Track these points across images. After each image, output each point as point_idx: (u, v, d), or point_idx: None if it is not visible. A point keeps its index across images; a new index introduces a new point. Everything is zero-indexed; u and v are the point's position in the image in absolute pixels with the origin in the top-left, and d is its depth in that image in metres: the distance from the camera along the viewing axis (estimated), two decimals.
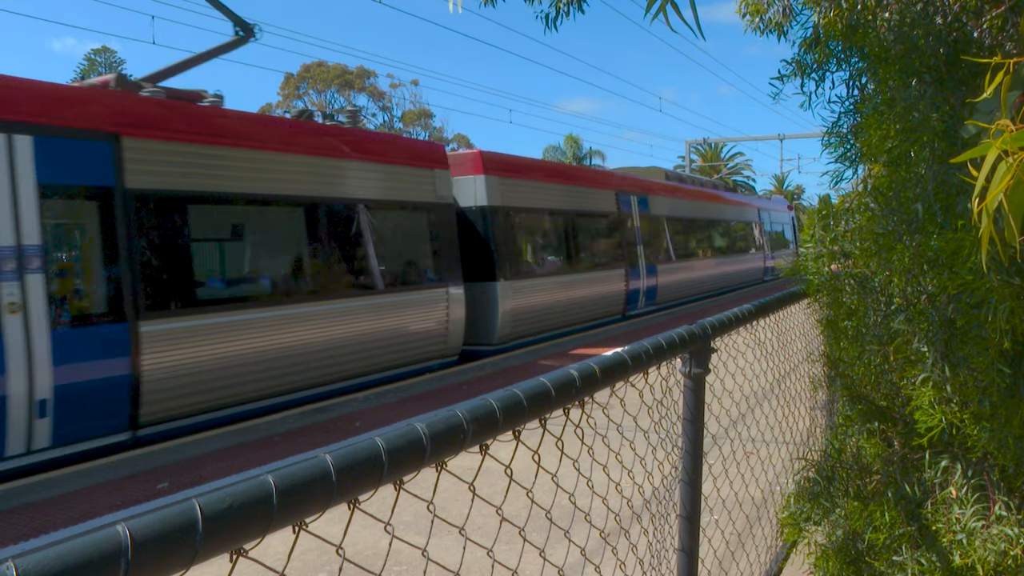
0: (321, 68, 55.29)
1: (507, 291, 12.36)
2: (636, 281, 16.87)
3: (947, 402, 1.77)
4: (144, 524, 0.67)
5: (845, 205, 2.40)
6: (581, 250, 15.09)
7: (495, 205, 12.52)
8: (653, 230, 18.27)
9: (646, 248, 17.61)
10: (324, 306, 9.08)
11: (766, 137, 46.24)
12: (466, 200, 12.48)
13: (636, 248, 17.10)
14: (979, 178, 1.05)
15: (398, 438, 0.96)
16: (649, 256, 17.74)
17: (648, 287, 17.47)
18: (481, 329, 12.31)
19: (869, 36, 2.11)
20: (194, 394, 7.39)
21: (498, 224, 12.48)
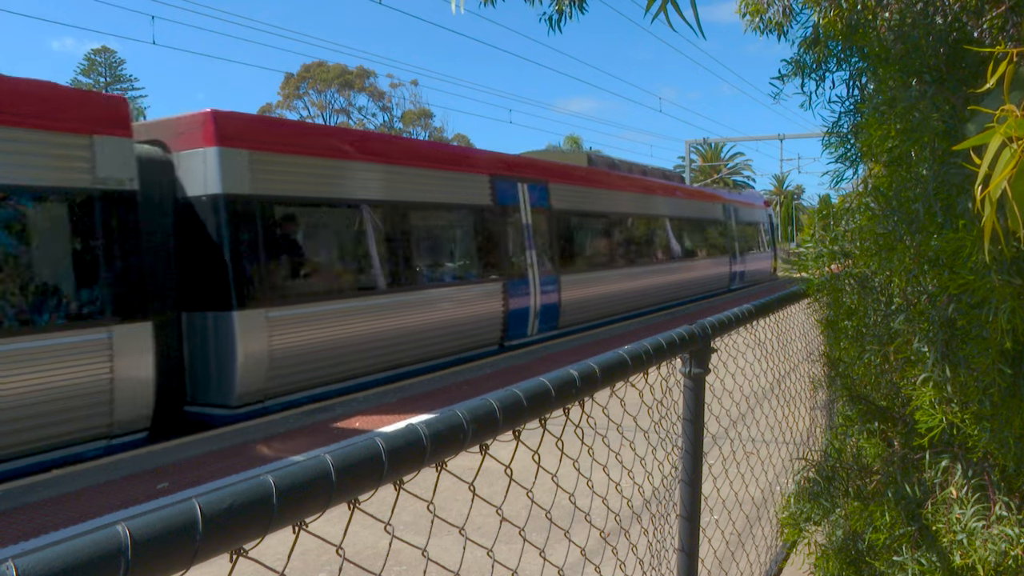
0: (321, 68, 55.31)
1: (254, 325, 7.99)
2: (523, 298, 12.51)
3: (947, 402, 1.77)
4: (144, 524, 0.67)
5: (845, 205, 2.40)
6: (417, 258, 10.67)
7: (236, 194, 8.07)
8: (557, 229, 13.91)
9: (543, 253, 13.39)
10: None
11: (766, 137, 46.24)
12: (194, 186, 8.12)
13: (525, 253, 12.81)
14: (982, 166, 1.04)
15: (398, 438, 0.96)
16: (548, 264, 13.50)
17: (544, 306, 13.14)
18: (211, 384, 8.03)
19: (869, 36, 2.11)
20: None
21: (241, 223, 8.10)
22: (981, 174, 1.04)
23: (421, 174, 10.80)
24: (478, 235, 11.90)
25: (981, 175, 1.04)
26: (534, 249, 13.11)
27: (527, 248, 12.95)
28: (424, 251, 11.04)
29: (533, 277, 12.98)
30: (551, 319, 13.52)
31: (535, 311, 12.98)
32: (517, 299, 12.43)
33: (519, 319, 12.50)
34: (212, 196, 8.01)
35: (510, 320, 12.22)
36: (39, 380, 6.32)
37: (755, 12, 3.13)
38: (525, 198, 13.09)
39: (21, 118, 6.43)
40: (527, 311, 12.75)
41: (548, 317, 13.40)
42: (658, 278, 18.17)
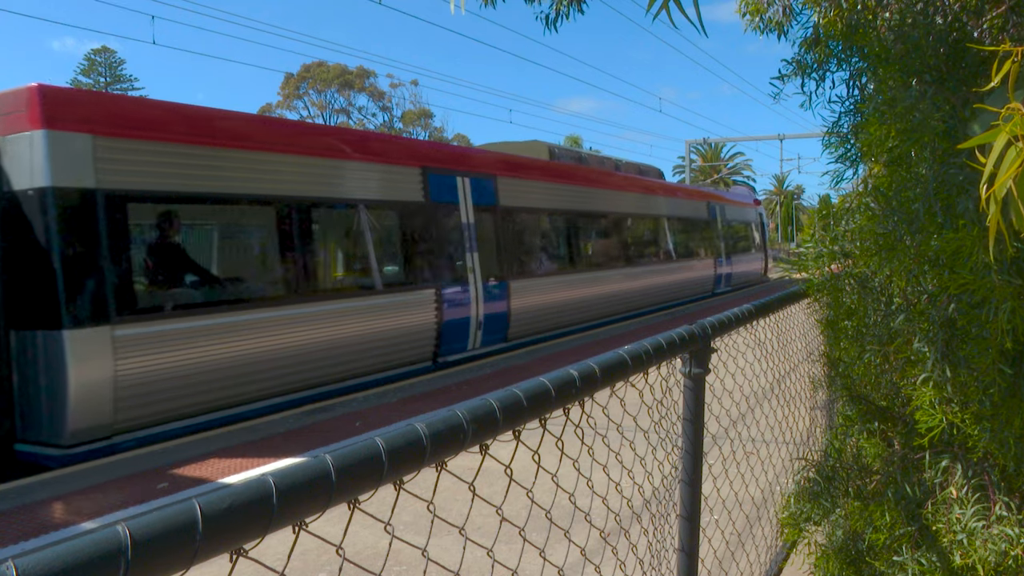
0: (321, 68, 55.33)
1: (93, 346, 6.48)
2: (461, 307, 10.94)
3: (948, 402, 1.77)
4: (144, 524, 0.67)
5: (845, 205, 2.40)
6: (321, 264, 9.22)
7: (70, 187, 6.51)
8: (506, 229, 12.25)
9: (489, 256, 11.73)
10: None
11: (766, 137, 46.27)
12: (20, 177, 6.56)
13: (466, 256, 11.20)
14: (987, 164, 1.04)
15: (398, 438, 0.96)
16: (495, 268, 11.84)
17: (490, 315, 11.51)
18: (41, 419, 6.52)
19: (869, 36, 2.11)
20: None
21: (76, 223, 6.55)
22: (986, 173, 1.04)
23: (329, 165, 9.11)
24: (403, 236, 10.22)
25: (986, 174, 1.04)
26: (477, 252, 11.34)
27: (468, 250, 11.20)
28: (331, 255, 9.50)
29: (475, 283, 11.21)
30: (498, 330, 11.78)
31: (477, 321, 11.22)
32: (454, 308, 10.75)
33: (456, 331, 10.81)
34: (39, 190, 6.43)
35: (445, 332, 10.54)
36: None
37: (755, 12, 3.13)
38: (466, 194, 11.34)
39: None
40: (466, 322, 11.02)
41: (494, 328, 11.67)
42: (630, 282, 16.38)
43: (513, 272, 12.29)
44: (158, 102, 8.13)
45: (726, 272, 22.46)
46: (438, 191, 10.83)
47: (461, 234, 11.18)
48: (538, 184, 13.52)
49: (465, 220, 11.28)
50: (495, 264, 11.89)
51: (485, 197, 11.85)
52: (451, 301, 10.74)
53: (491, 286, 11.66)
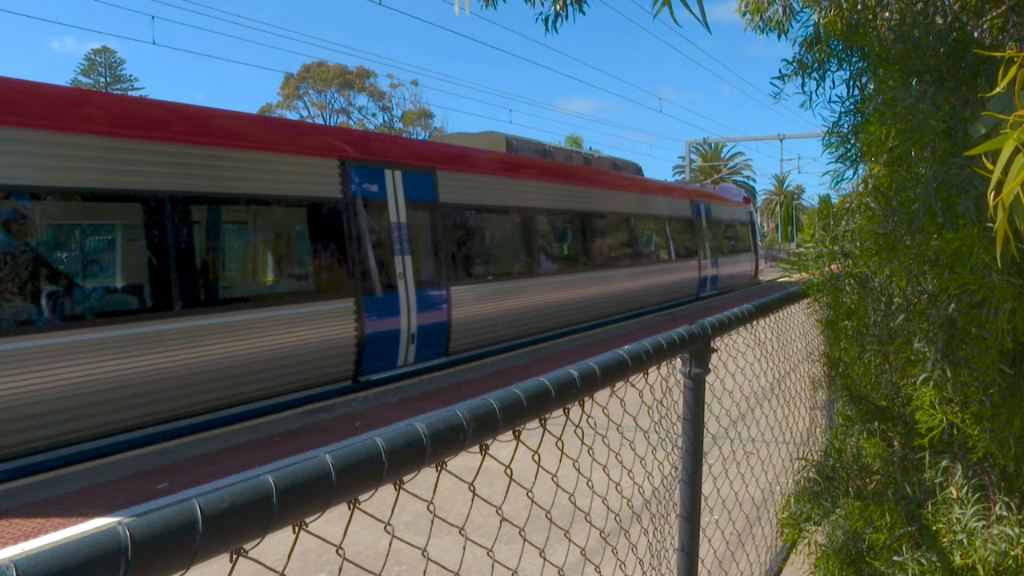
0: (321, 68, 55.37)
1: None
2: (388, 318, 9.52)
3: (948, 402, 1.77)
4: (144, 524, 0.67)
5: (845, 205, 2.40)
6: (208, 271, 7.79)
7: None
8: (447, 228, 10.87)
9: (425, 259, 10.41)
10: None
11: (766, 137, 46.30)
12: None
13: (396, 260, 9.78)
14: (995, 172, 1.04)
15: (398, 438, 0.96)
16: (432, 273, 10.51)
17: (425, 327, 10.17)
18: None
19: (869, 36, 2.11)
20: None
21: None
22: (994, 180, 1.04)
23: (222, 157, 7.85)
24: (314, 238, 8.82)
25: (994, 180, 1.04)
26: (410, 254, 9.97)
27: (398, 253, 9.80)
28: (216, 261, 7.99)
29: (406, 291, 9.83)
30: (436, 343, 10.43)
31: (408, 334, 9.83)
32: (379, 320, 9.39)
33: (382, 345, 9.46)
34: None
35: (368, 347, 9.20)
36: None
37: (755, 10, 3.13)
38: (397, 189, 9.92)
39: None
40: (395, 335, 9.62)
41: (431, 341, 10.31)
42: (599, 287, 14.91)
43: (455, 277, 10.88)
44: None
45: (712, 274, 21.11)
46: (360, 186, 9.43)
47: (390, 235, 9.75)
48: (489, 179, 12.01)
49: (395, 219, 9.86)
50: (433, 268, 10.55)
51: (421, 193, 10.47)
52: (375, 311, 9.37)
53: (427, 293, 10.31)
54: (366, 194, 9.53)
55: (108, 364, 6.68)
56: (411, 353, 10.01)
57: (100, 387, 6.63)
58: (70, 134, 6.64)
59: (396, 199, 9.97)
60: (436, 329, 10.42)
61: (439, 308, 10.50)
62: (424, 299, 10.23)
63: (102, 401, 6.65)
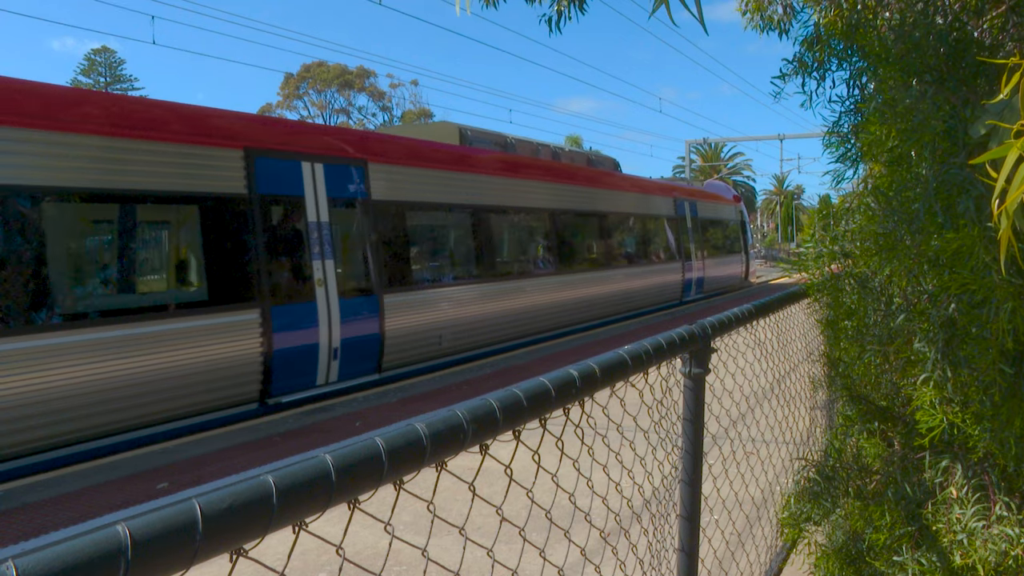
0: (321, 68, 55.39)
1: None
2: (304, 332, 8.38)
3: (948, 402, 1.77)
4: (144, 524, 0.67)
5: (845, 205, 2.40)
6: (81, 281, 6.79)
7: None
8: (382, 228, 9.62)
9: (352, 263, 9.31)
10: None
11: (766, 137, 46.34)
12: None
13: (315, 264, 8.59)
14: (999, 180, 1.04)
15: (398, 438, 0.96)
16: (362, 278, 9.37)
17: (353, 340, 8.99)
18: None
19: (869, 36, 2.11)
20: None
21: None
22: (998, 188, 1.04)
23: (90, 145, 6.66)
24: (209, 241, 7.57)
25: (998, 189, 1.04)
26: (332, 258, 8.79)
27: (317, 257, 8.60)
28: (99, 269, 6.92)
29: (327, 300, 8.64)
30: (366, 358, 9.24)
31: (329, 348, 8.65)
32: (292, 333, 8.21)
33: (296, 362, 8.29)
34: None
35: (278, 364, 8.05)
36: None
37: (756, 9, 3.13)
38: (317, 184, 8.75)
39: None
40: (312, 350, 8.46)
41: (359, 355, 9.13)
42: (567, 292, 13.67)
43: (391, 283, 9.65)
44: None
45: (697, 277, 19.83)
46: (270, 180, 8.20)
47: (307, 237, 8.55)
48: (436, 174, 10.74)
49: (314, 218, 8.66)
50: (363, 274, 9.37)
51: (349, 188, 9.26)
52: (287, 324, 8.17)
53: (355, 302, 9.11)
54: (277, 190, 8.30)
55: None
56: (334, 370, 8.79)
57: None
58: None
59: (316, 195, 8.73)
60: (365, 342, 9.18)
61: (369, 319, 9.25)
62: (350, 309, 9.00)
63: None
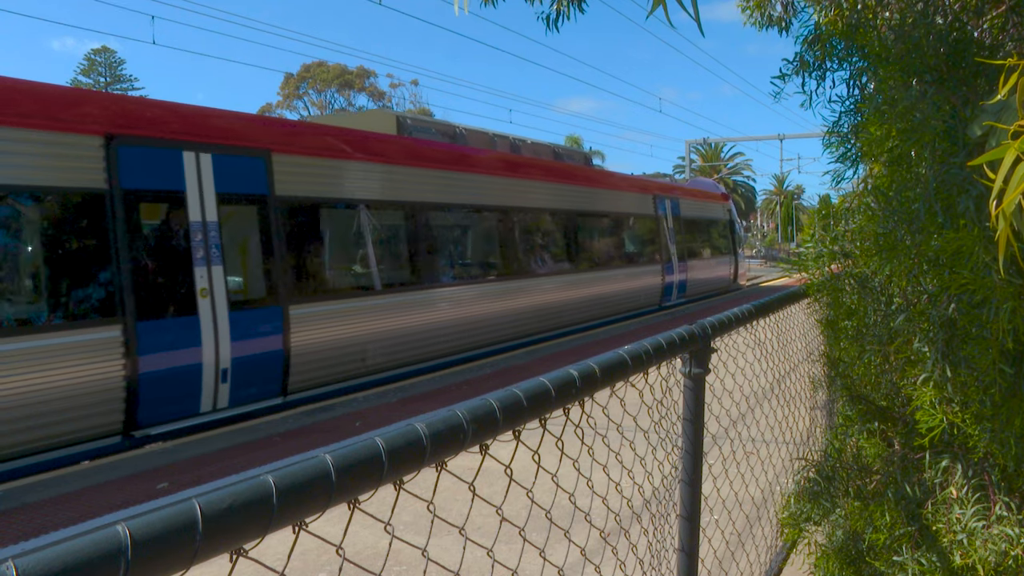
0: (321, 68, 55.41)
1: None
2: (181, 351, 7.16)
3: (948, 402, 1.77)
4: (144, 524, 0.67)
5: (845, 205, 2.41)
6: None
7: None
8: (290, 229, 8.42)
9: (252, 269, 8.10)
10: None
11: (766, 137, 46.37)
12: None
13: (198, 271, 7.38)
14: (996, 181, 1.04)
15: (398, 438, 0.96)
16: (260, 287, 8.10)
17: (247, 359, 7.73)
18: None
19: (869, 35, 2.11)
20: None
21: None
22: (996, 189, 1.04)
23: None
24: (54, 246, 6.44)
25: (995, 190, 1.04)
26: (221, 264, 7.53)
27: (201, 263, 7.34)
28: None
29: (213, 312, 7.43)
30: (265, 380, 7.99)
31: (216, 369, 7.46)
32: (165, 354, 7.00)
33: (171, 387, 7.07)
34: None
35: (146, 390, 6.86)
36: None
37: (756, 6, 3.13)
38: (203, 178, 7.47)
39: None
40: (193, 371, 7.27)
41: (258, 377, 7.88)
42: (519, 298, 12.24)
43: (299, 293, 8.40)
44: None
45: (679, 280, 18.42)
46: (138, 172, 6.95)
47: (187, 239, 7.30)
48: (358, 166, 9.38)
49: (198, 218, 7.38)
50: (262, 282, 8.08)
51: (246, 183, 7.90)
52: (159, 342, 6.96)
53: (251, 315, 7.81)
54: (149, 184, 7.04)
55: None
56: (223, 395, 7.57)
57: None
58: None
59: (201, 191, 7.44)
60: (264, 361, 7.92)
61: (270, 334, 7.96)
62: (244, 323, 7.72)
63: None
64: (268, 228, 8.18)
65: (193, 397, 7.36)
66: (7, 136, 6.14)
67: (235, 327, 7.65)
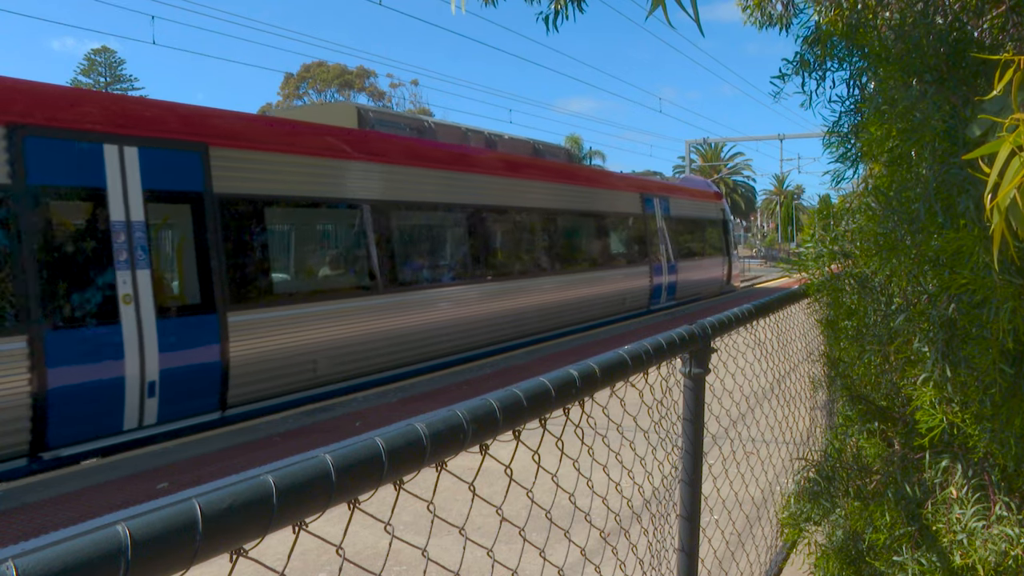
0: (321, 68, 55.43)
1: None
2: (94, 364, 6.53)
3: (948, 402, 1.77)
4: (144, 524, 0.67)
5: (846, 205, 2.41)
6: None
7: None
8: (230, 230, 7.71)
9: (185, 273, 7.41)
10: None
11: (766, 137, 46.38)
12: None
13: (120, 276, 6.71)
14: (991, 174, 1.04)
15: (398, 438, 0.96)
16: (193, 291, 7.39)
17: (179, 371, 7.10)
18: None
19: (870, 35, 2.11)
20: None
21: None
22: (990, 183, 1.04)
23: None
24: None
25: (990, 184, 1.04)
26: (147, 268, 6.87)
27: (123, 267, 6.70)
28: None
29: (138, 320, 6.75)
30: (201, 393, 7.35)
31: (142, 383, 6.80)
32: (80, 367, 6.40)
33: (88, 403, 6.46)
34: None
35: (57, 408, 6.26)
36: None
37: (756, 5, 3.13)
38: (127, 173, 6.81)
39: None
40: (114, 385, 6.62)
41: (189, 390, 7.22)
42: (490, 303, 11.51)
43: (240, 299, 7.70)
44: None
45: (668, 281, 17.60)
46: (50, 167, 6.39)
47: (109, 241, 6.67)
48: (311, 162, 8.73)
49: (120, 217, 6.73)
50: (196, 287, 7.38)
51: (178, 179, 7.26)
52: (72, 354, 6.35)
53: (182, 323, 7.16)
54: (62, 179, 6.46)
55: None
56: (150, 410, 6.92)
57: None
58: None
59: (125, 188, 6.79)
60: (198, 373, 7.29)
61: (205, 343, 7.33)
62: (174, 331, 7.07)
63: None
64: (204, 228, 7.50)
65: (114, 414, 6.68)
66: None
67: (164, 336, 7.00)
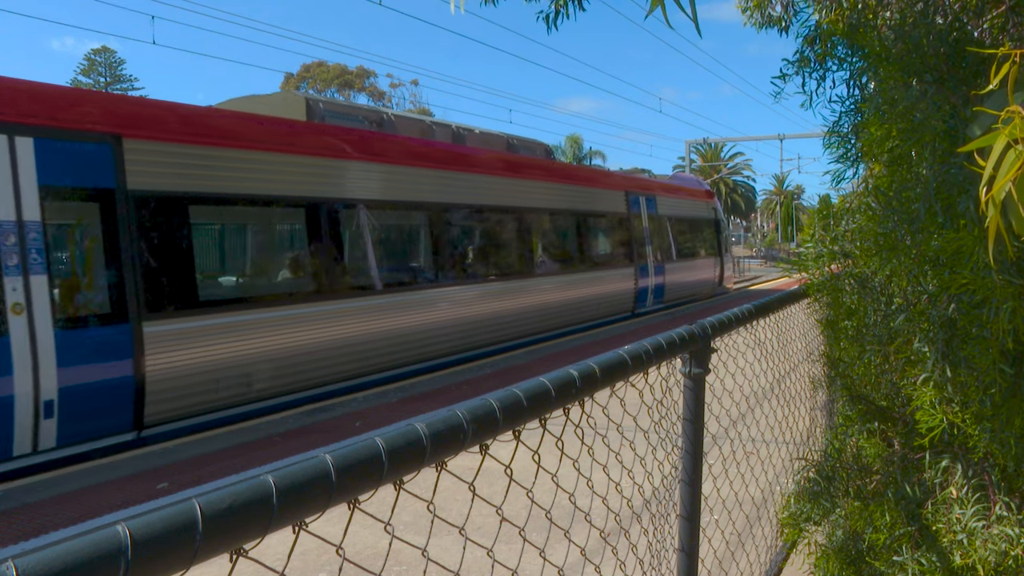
0: (321, 68, 55.44)
1: None
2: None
3: (948, 402, 1.77)
4: (144, 524, 0.67)
5: (846, 205, 2.41)
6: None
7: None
8: (147, 231, 6.91)
9: (93, 279, 6.54)
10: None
11: (766, 137, 46.40)
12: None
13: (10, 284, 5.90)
14: (987, 167, 1.04)
15: (398, 438, 0.96)
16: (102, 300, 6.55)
17: (77, 389, 6.31)
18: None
19: (870, 35, 2.11)
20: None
21: None
22: (986, 176, 1.04)
23: None
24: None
25: (986, 177, 1.04)
26: (44, 274, 6.13)
27: (14, 272, 5.96)
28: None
29: (31, 332, 6.02)
30: (110, 412, 6.61)
31: (35, 402, 6.08)
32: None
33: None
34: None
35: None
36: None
37: (756, 5, 3.13)
38: (20, 167, 6.07)
39: None
40: (3, 406, 5.90)
41: (96, 410, 6.48)
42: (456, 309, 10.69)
43: (158, 307, 6.92)
44: None
45: (655, 284, 16.76)
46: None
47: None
48: (245, 155, 7.85)
49: (10, 216, 6.00)
50: (105, 294, 6.58)
51: (84, 174, 6.47)
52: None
53: (88, 335, 6.39)
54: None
55: None
56: (48, 433, 6.18)
57: None
58: None
59: (16, 183, 6.02)
60: (107, 390, 6.51)
61: (116, 357, 6.54)
62: (78, 344, 6.30)
63: None
64: (116, 229, 6.65)
65: (1, 438, 5.92)
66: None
67: (64, 350, 6.20)
